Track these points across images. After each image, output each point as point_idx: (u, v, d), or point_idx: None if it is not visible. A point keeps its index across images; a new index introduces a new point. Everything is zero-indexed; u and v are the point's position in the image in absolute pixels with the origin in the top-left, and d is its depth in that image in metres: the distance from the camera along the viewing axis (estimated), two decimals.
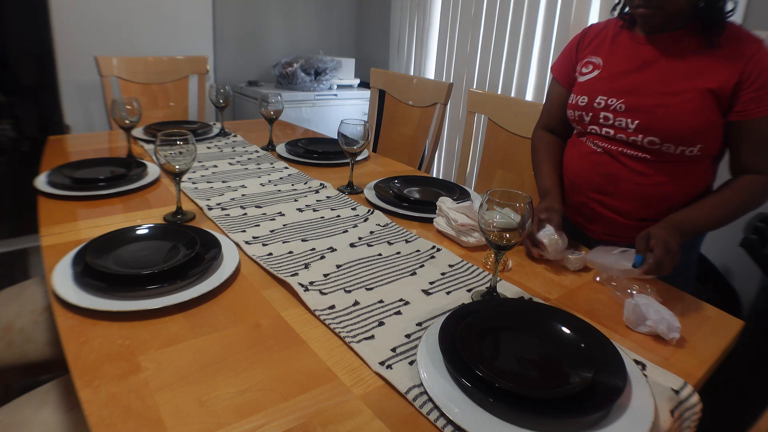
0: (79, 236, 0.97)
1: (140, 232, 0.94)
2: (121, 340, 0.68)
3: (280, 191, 1.28)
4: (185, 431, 0.55)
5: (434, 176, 1.60)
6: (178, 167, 1.02)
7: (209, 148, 1.64)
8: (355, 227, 1.10)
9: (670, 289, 0.94)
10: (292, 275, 0.87)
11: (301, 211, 1.17)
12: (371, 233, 1.07)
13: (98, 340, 0.68)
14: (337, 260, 0.94)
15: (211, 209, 1.14)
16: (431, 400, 0.60)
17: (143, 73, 2.13)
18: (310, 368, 0.66)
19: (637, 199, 1.05)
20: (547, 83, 2.40)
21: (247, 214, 1.13)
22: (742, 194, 0.99)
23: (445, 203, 1.11)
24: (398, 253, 0.99)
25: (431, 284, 0.89)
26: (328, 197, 1.26)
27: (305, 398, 0.61)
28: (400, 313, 0.79)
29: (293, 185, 1.33)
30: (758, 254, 1.45)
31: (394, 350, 0.70)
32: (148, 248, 0.90)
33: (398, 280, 0.89)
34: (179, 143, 1.00)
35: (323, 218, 1.13)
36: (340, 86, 3.16)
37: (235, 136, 1.81)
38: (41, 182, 1.20)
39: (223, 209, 1.14)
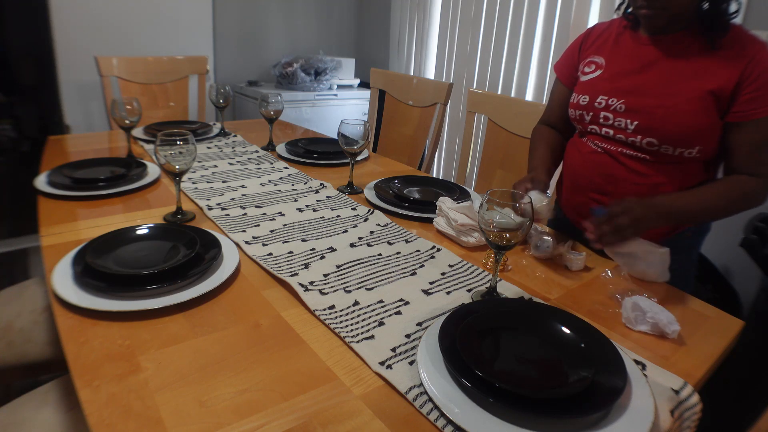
0: (79, 236, 0.97)
1: (140, 232, 0.94)
2: (121, 340, 0.68)
3: (280, 191, 1.28)
4: (185, 431, 0.55)
5: (434, 176, 1.60)
6: (178, 167, 1.02)
7: (209, 148, 1.64)
8: (355, 227, 1.10)
9: (670, 289, 0.94)
10: (292, 275, 0.87)
11: (301, 211, 1.17)
12: (371, 233, 1.07)
13: (98, 340, 0.68)
14: (337, 260, 0.94)
15: (211, 209, 1.14)
16: (431, 400, 0.60)
17: (143, 73, 2.13)
18: (310, 368, 0.66)
19: None
20: (547, 83, 2.40)
21: (247, 214, 1.13)
22: (731, 192, 0.98)
23: (445, 203, 1.11)
24: (398, 253, 0.99)
25: (431, 284, 0.89)
26: (328, 197, 1.26)
27: (305, 398, 0.61)
28: (400, 313, 0.79)
29: (293, 185, 1.33)
30: (758, 254, 1.45)
31: (394, 350, 0.70)
32: (148, 248, 0.90)
33: (398, 280, 0.89)
34: (179, 143, 1.00)
35: (323, 218, 1.13)
36: (340, 86, 3.16)
37: (235, 136, 1.81)
38: (41, 182, 1.20)
39: (223, 209, 1.14)
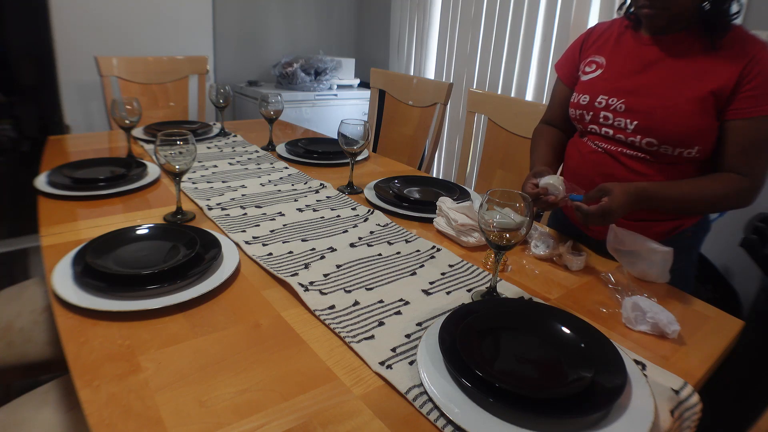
0: (79, 236, 0.97)
1: (140, 232, 0.94)
2: (121, 340, 0.68)
3: (280, 191, 1.28)
4: (185, 431, 0.55)
5: (434, 176, 1.60)
6: (178, 167, 1.02)
7: (209, 148, 1.64)
8: (355, 227, 1.10)
9: (670, 289, 0.94)
10: (292, 275, 0.87)
11: (301, 211, 1.17)
12: (371, 233, 1.07)
13: (98, 340, 0.68)
14: (337, 260, 0.94)
15: (211, 209, 1.14)
16: (431, 400, 0.60)
17: (143, 73, 2.13)
18: (310, 368, 0.66)
19: None
20: (547, 83, 2.40)
21: (247, 214, 1.13)
22: (717, 188, 0.97)
23: (445, 203, 1.11)
24: (398, 253, 0.99)
25: (431, 284, 0.89)
26: (328, 197, 1.26)
27: (305, 398, 0.61)
28: (400, 313, 0.79)
29: (293, 185, 1.33)
30: (758, 254, 1.45)
31: (394, 350, 0.70)
32: (148, 248, 0.90)
33: (398, 280, 0.89)
34: (179, 143, 1.00)
35: (323, 218, 1.13)
36: (340, 86, 3.16)
37: (235, 136, 1.81)
38: (41, 182, 1.20)
39: (223, 209, 1.14)
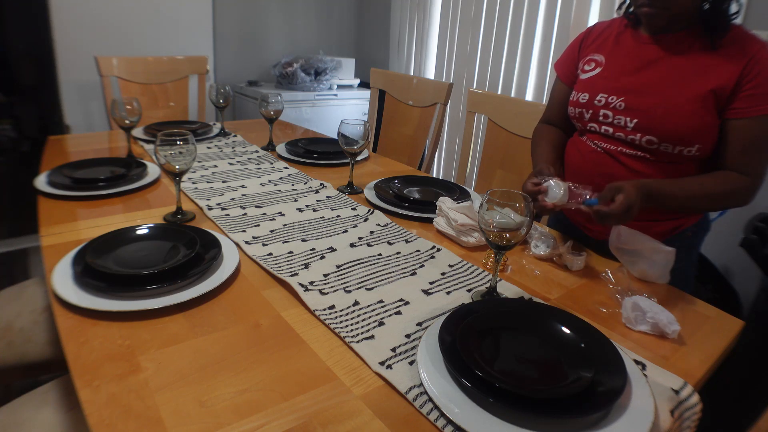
0: (79, 236, 0.97)
1: (140, 232, 0.94)
2: (121, 340, 0.68)
3: (280, 191, 1.28)
4: (185, 431, 0.55)
5: (434, 176, 1.60)
6: (178, 167, 1.02)
7: (209, 148, 1.64)
8: (355, 227, 1.10)
9: (670, 289, 0.94)
10: (292, 275, 0.87)
11: (301, 211, 1.17)
12: (371, 233, 1.07)
13: (98, 340, 0.68)
14: (337, 260, 0.94)
15: (211, 209, 1.14)
16: (431, 400, 0.60)
17: (143, 73, 2.13)
18: (310, 368, 0.66)
19: None
20: (547, 83, 2.40)
21: (247, 214, 1.13)
22: (717, 187, 0.97)
23: (445, 203, 1.11)
24: (398, 253, 0.99)
25: (431, 284, 0.89)
26: (328, 197, 1.26)
27: (305, 398, 0.61)
28: (400, 313, 0.79)
29: (293, 185, 1.33)
30: (758, 254, 1.45)
31: (394, 350, 0.70)
32: (148, 248, 0.90)
33: (398, 280, 0.89)
34: (179, 143, 1.00)
35: (323, 218, 1.13)
36: (340, 86, 3.16)
37: (235, 136, 1.81)
38: (41, 182, 1.20)
39: (223, 209, 1.14)
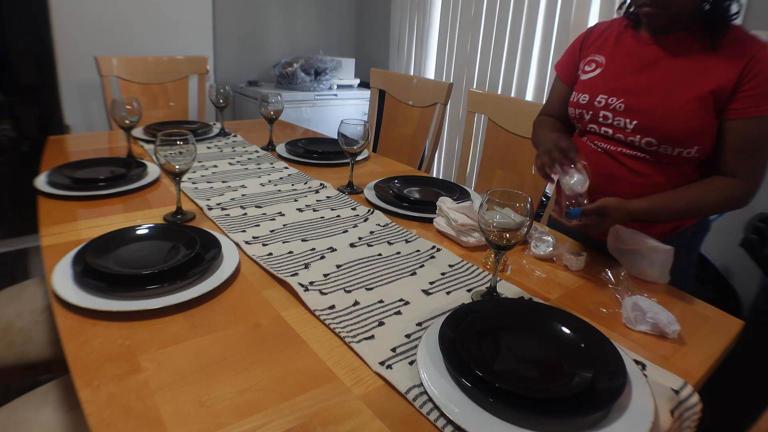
0: (79, 236, 0.97)
1: (140, 232, 0.94)
2: (121, 340, 0.68)
3: (280, 191, 1.28)
4: (185, 431, 0.55)
5: (434, 176, 1.60)
6: (178, 167, 1.02)
7: (209, 148, 1.64)
8: (355, 227, 1.10)
9: (670, 289, 0.94)
10: (292, 275, 0.87)
11: (301, 211, 1.17)
12: (371, 233, 1.07)
13: (98, 340, 0.68)
14: (337, 260, 0.94)
15: (211, 209, 1.13)
16: (431, 400, 0.60)
17: (143, 73, 2.13)
18: (310, 368, 0.66)
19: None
20: (547, 83, 2.40)
21: (247, 214, 1.13)
22: (711, 195, 0.97)
23: (445, 203, 1.11)
24: (398, 253, 0.99)
25: (431, 284, 0.89)
26: (328, 197, 1.26)
27: (305, 398, 0.61)
28: (400, 313, 0.79)
29: (293, 185, 1.33)
30: (758, 254, 1.45)
31: (394, 350, 0.70)
32: (148, 248, 0.90)
33: (398, 280, 0.89)
34: (179, 143, 1.00)
35: (323, 218, 1.13)
36: (340, 86, 3.16)
37: (235, 136, 1.81)
38: (41, 182, 1.20)
39: (223, 209, 1.14)
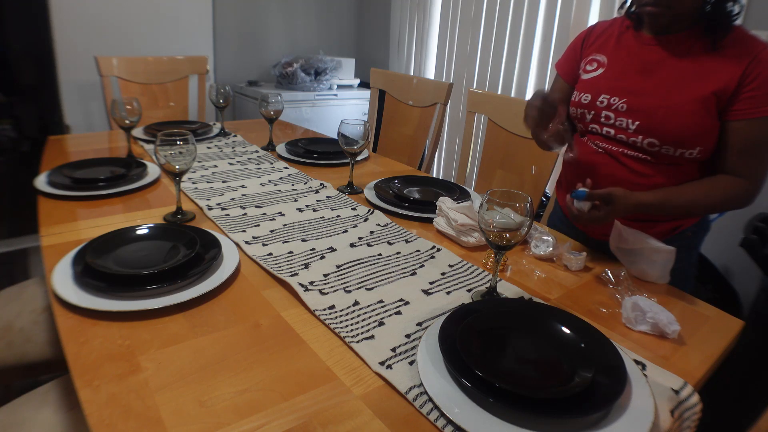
0: (79, 236, 0.97)
1: (140, 232, 0.94)
2: (121, 340, 0.68)
3: (280, 191, 1.28)
4: (185, 431, 0.55)
5: (434, 176, 1.60)
6: (178, 167, 1.02)
7: (209, 148, 1.64)
8: (355, 227, 1.10)
9: (670, 289, 0.94)
10: (292, 275, 0.87)
11: (301, 211, 1.17)
12: (371, 233, 1.07)
13: (98, 340, 0.68)
14: (337, 260, 0.94)
15: (211, 209, 1.13)
16: (431, 400, 0.60)
17: (143, 73, 2.13)
18: (310, 368, 0.66)
19: None
20: (547, 83, 2.40)
21: (247, 214, 1.13)
22: (714, 193, 0.97)
23: (445, 203, 1.11)
24: (398, 253, 0.99)
25: (431, 284, 0.89)
26: (328, 197, 1.26)
27: (305, 398, 0.61)
28: (400, 313, 0.79)
29: (293, 185, 1.33)
30: (758, 254, 1.45)
31: (394, 350, 0.70)
32: (148, 248, 0.90)
33: (398, 280, 0.89)
34: (179, 143, 1.00)
35: (323, 218, 1.13)
36: (340, 86, 3.16)
37: (235, 136, 1.81)
38: (41, 182, 1.20)
39: (223, 209, 1.14)
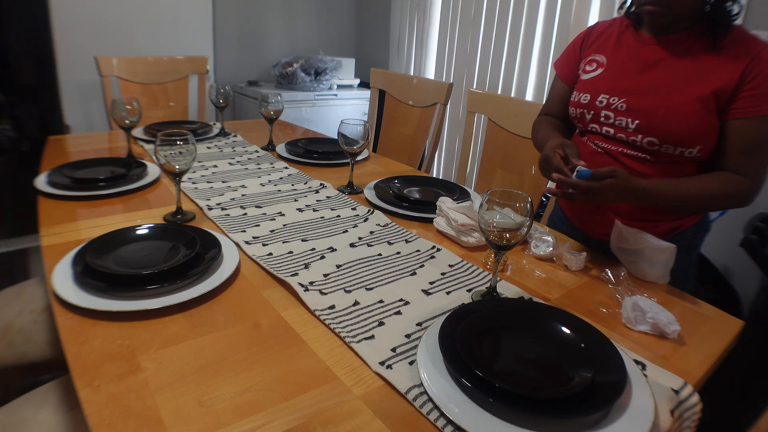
0: (79, 236, 0.97)
1: (140, 232, 0.94)
2: (121, 340, 0.68)
3: (280, 191, 1.28)
4: (185, 431, 0.55)
5: (434, 176, 1.60)
6: (178, 167, 1.02)
7: (209, 148, 1.64)
8: (355, 227, 1.10)
9: (670, 289, 0.94)
10: (292, 275, 0.87)
11: (301, 211, 1.17)
12: (371, 233, 1.07)
13: (98, 340, 0.68)
14: (337, 260, 0.94)
15: (211, 209, 1.13)
16: (431, 400, 0.60)
17: (143, 73, 2.13)
18: (310, 368, 0.66)
19: None
20: (547, 83, 2.40)
21: (247, 214, 1.13)
22: (715, 188, 0.97)
23: (445, 203, 1.11)
24: (398, 253, 0.99)
25: (431, 284, 0.89)
26: (328, 197, 1.26)
27: (305, 398, 0.61)
28: (400, 313, 0.79)
29: (293, 185, 1.33)
30: (758, 254, 1.45)
31: (394, 350, 0.70)
32: (148, 248, 0.90)
33: (398, 280, 0.89)
34: (179, 143, 1.00)
35: (323, 218, 1.13)
36: (340, 86, 3.16)
37: (235, 136, 1.81)
38: (41, 182, 1.20)
39: (223, 209, 1.14)
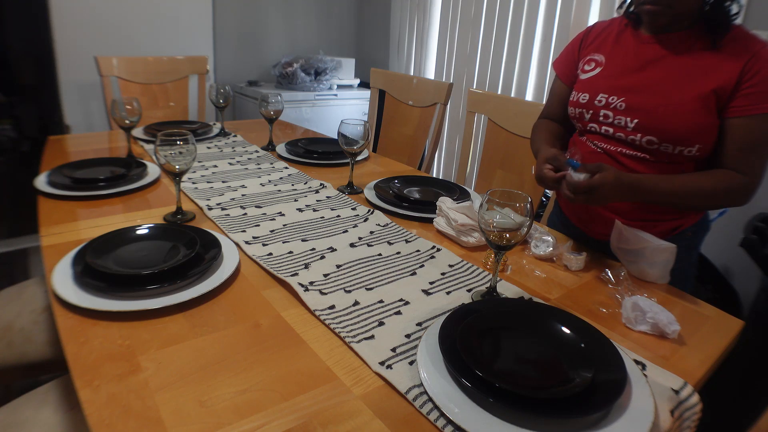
0: (79, 236, 0.97)
1: (140, 232, 0.94)
2: (121, 340, 0.68)
3: (280, 191, 1.28)
4: (185, 431, 0.55)
5: (434, 176, 1.60)
6: (178, 167, 1.02)
7: (209, 148, 1.64)
8: (355, 227, 1.10)
9: (670, 289, 0.94)
10: (292, 275, 0.87)
11: (301, 211, 1.17)
12: (371, 233, 1.07)
13: (98, 340, 0.68)
14: (337, 260, 0.94)
15: (211, 209, 1.14)
16: (431, 400, 0.60)
17: (143, 73, 2.13)
18: (310, 368, 0.66)
19: None
20: (547, 83, 2.40)
21: (247, 214, 1.13)
22: (714, 185, 0.97)
23: (445, 203, 1.11)
24: (398, 253, 0.99)
25: (431, 284, 0.89)
26: (328, 197, 1.26)
27: (305, 398, 0.61)
28: (400, 313, 0.79)
29: (293, 185, 1.33)
30: (758, 254, 1.45)
31: (394, 350, 0.70)
32: (148, 248, 0.90)
33: (398, 280, 0.89)
34: (179, 143, 1.00)
35: (323, 218, 1.13)
36: (340, 86, 3.16)
37: (235, 136, 1.81)
38: (41, 182, 1.20)
39: (223, 209, 1.14)
